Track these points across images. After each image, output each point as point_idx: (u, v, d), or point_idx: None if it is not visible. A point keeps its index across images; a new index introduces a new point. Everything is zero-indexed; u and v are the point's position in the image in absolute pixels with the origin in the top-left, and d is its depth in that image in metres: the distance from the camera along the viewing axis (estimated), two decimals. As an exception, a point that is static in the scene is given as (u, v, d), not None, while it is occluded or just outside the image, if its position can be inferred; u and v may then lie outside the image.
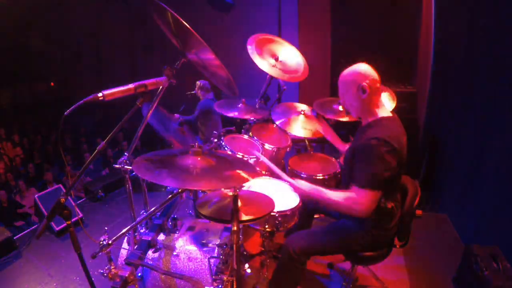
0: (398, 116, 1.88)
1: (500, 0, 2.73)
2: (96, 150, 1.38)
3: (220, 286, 1.68)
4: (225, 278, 1.69)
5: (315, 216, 2.55)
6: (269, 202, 1.82)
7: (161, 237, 1.92)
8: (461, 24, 3.42)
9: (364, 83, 1.79)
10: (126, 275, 1.60)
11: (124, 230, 1.68)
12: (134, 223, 1.74)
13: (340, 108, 3.13)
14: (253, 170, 1.66)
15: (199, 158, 1.57)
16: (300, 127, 2.92)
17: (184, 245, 1.88)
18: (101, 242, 1.55)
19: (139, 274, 1.79)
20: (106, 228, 1.62)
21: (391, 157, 1.67)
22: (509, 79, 2.60)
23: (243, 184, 1.99)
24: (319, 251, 2.02)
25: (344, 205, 1.75)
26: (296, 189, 2.01)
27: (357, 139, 1.87)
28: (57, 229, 3.51)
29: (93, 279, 1.47)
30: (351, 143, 2.05)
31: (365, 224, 1.88)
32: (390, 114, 1.86)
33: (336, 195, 1.79)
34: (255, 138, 2.80)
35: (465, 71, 3.37)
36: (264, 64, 2.96)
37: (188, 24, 1.52)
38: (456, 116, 3.54)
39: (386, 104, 2.61)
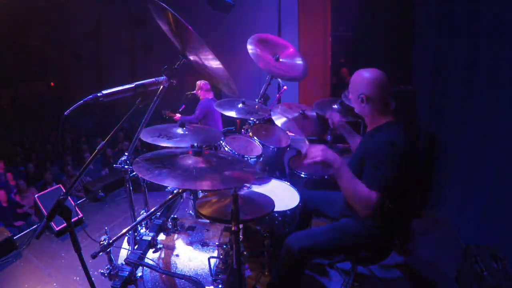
0: (398, 116, 1.87)
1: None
2: (96, 150, 1.38)
3: (220, 286, 1.68)
4: (225, 278, 1.69)
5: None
6: (269, 202, 1.82)
7: (161, 237, 1.92)
8: (461, 23, 3.42)
9: (363, 95, 1.77)
10: (126, 275, 1.60)
11: (124, 230, 1.68)
12: (134, 223, 1.74)
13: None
14: (253, 170, 1.65)
15: (199, 158, 1.57)
16: (300, 127, 2.92)
17: (184, 245, 1.87)
18: (101, 242, 1.55)
19: (139, 274, 1.79)
20: (106, 228, 1.62)
21: (401, 159, 1.67)
22: (509, 78, 2.60)
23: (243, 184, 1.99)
24: (319, 252, 2.01)
25: (357, 192, 1.65)
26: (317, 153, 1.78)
27: (365, 144, 1.85)
28: (57, 229, 3.50)
29: (93, 279, 1.47)
30: (358, 149, 2.02)
31: (367, 225, 1.87)
32: (394, 119, 1.83)
33: (357, 182, 1.68)
34: (255, 138, 2.80)
35: (465, 70, 3.37)
36: (264, 64, 2.96)
37: (188, 24, 1.52)
38: (456, 116, 3.54)
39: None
